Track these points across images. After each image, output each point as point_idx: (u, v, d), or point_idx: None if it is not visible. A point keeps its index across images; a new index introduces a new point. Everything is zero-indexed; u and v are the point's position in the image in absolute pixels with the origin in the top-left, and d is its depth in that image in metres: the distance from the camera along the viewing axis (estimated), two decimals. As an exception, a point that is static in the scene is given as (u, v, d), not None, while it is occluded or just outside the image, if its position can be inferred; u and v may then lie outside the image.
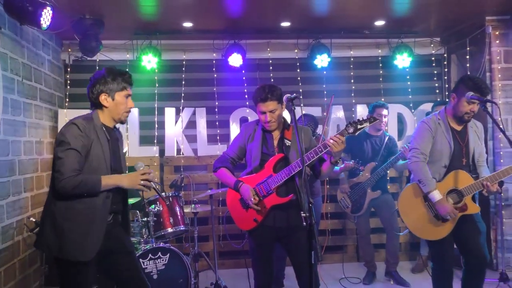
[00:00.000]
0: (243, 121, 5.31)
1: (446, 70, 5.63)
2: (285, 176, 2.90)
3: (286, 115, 4.59)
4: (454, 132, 3.18)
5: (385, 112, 4.43)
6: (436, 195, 3.10)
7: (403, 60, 5.34)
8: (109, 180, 2.44)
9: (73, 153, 2.36)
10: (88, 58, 5.11)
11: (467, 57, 5.13)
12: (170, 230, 4.06)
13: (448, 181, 3.15)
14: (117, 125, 2.68)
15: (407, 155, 4.15)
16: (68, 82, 5.26)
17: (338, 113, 5.42)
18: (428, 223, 3.16)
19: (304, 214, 2.42)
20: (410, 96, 5.57)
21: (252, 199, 2.92)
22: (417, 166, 3.18)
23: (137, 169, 2.51)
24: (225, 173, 3.08)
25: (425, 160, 3.19)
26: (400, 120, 5.46)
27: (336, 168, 4.32)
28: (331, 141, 2.79)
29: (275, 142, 3.02)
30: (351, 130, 2.85)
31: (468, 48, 5.11)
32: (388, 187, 4.73)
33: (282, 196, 2.95)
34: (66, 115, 5.04)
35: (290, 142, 2.99)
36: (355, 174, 4.51)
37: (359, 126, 2.85)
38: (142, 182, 2.46)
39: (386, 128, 4.97)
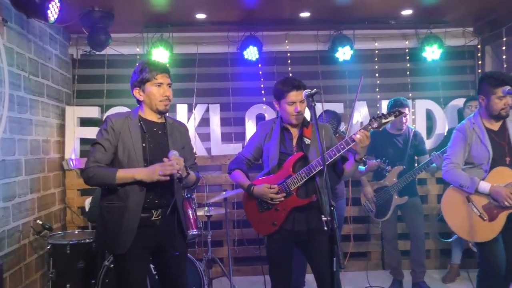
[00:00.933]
0: (259, 118, 5.31)
1: (480, 62, 5.54)
2: (305, 176, 2.90)
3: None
4: (491, 133, 3.20)
5: (406, 110, 4.35)
6: (485, 185, 3.13)
7: (432, 52, 5.30)
8: (124, 173, 2.54)
9: (97, 146, 2.60)
10: (97, 53, 5.17)
11: (503, 48, 5.03)
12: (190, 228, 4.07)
13: (492, 180, 3.16)
14: (168, 118, 2.78)
15: (437, 162, 4.14)
16: (76, 77, 5.33)
17: (362, 110, 5.38)
18: (475, 224, 3.17)
19: (326, 218, 2.42)
20: (440, 91, 5.52)
21: (272, 190, 2.92)
22: (451, 174, 3.27)
23: (169, 157, 2.55)
24: (239, 176, 3.10)
25: (457, 167, 3.26)
26: (429, 117, 5.42)
27: (361, 168, 4.28)
28: (357, 135, 2.79)
29: (294, 141, 3.03)
30: (375, 124, 2.84)
31: (504, 39, 5.01)
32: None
33: (303, 197, 2.95)
34: (73, 113, 5.11)
35: (309, 141, 3.00)
36: (380, 175, 4.46)
37: (383, 120, 2.84)
38: (160, 173, 2.48)
39: (414, 125, 4.89)
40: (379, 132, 4.43)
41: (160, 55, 5.08)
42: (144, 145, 2.60)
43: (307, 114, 3.65)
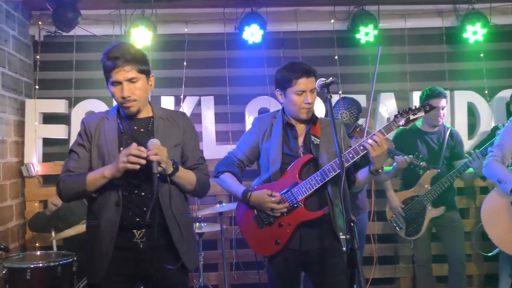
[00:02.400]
0: (263, 113, 5.27)
1: (533, 45, 5.53)
2: (316, 183, 2.90)
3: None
4: None
5: (443, 102, 4.33)
6: None
7: (475, 33, 5.29)
8: (94, 174, 2.58)
9: (71, 154, 2.71)
10: (64, 34, 5.15)
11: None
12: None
13: None
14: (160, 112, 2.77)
15: (475, 164, 4.11)
16: (38, 64, 5.31)
17: (389, 103, 5.36)
18: None
19: (344, 236, 2.41)
20: (484, 80, 5.50)
21: (273, 198, 2.90)
22: (489, 167, 3.30)
23: (148, 147, 2.51)
24: (230, 180, 3.08)
25: (499, 160, 3.26)
26: (471, 111, 5.41)
27: (388, 168, 4.26)
28: (369, 141, 2.81)
29: (300, 140, 3.03)
30: (401, 122, 2.85)
31: None
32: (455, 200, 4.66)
33: (313, 210, 2.94)
34: (35, 107, 5.10)
35: (318, 140, 3.01)
36: (412, 178, 4.42)
37: (411, 117, 2.85)
38: (124, 159, 2.46)
39: (450, 124, 4.87)
40: (408, 129, 4.41)
41: (141, 36, 5.06)
42: (121, 148, 2.59)
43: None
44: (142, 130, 2.68)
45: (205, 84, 5.49)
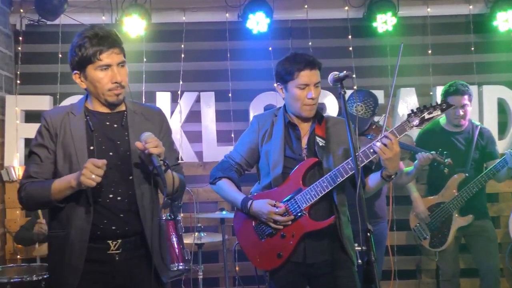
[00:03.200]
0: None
1: None
2: (322, 190, 2.90)
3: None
4: None
5: (463, 100, 4.31)
6: None
7: (506, 21, 5.26)
8: (60, 182, 2.50)
9: (32, 157, 2.61)
10: (48, 22, 5.14)
11: None
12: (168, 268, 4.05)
13: None
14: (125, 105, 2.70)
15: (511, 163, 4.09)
16: (20, 56, 5.31)
17: (409, 99, 5.33)
18: None
19: (360, 248, 2.36)
20: (517, 73, 5.44)
21: (277, 209, 2.90)
22: None
23: (141, 141, 2.47)
24: (228, 187, 3.06)
25: None
26: (502, 108, 5.40)
27: (409, 169, 4.22)
28: (377, 144, 2.78)
29: (303, 142, 3.03)
30: (415, 121, 2.85)
31: None
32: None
33: (318, 219, 2.93)
34: (16, 104, 5.10)
35: (324, 142, 3.00)
36: (439, 181, 4.39)
37: (426, 116, 2.85)
38: (92, 176, 2.37)
39: (480, 123, 4.83)
40: (431, 130, 4.40)
41: (134, 25, 5.06)
42: (91, 148, 2.56)
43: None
44: (115, 125, 2.64)
45: (205, 79, 5.48)
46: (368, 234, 2.38)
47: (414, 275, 5.39)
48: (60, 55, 5.26)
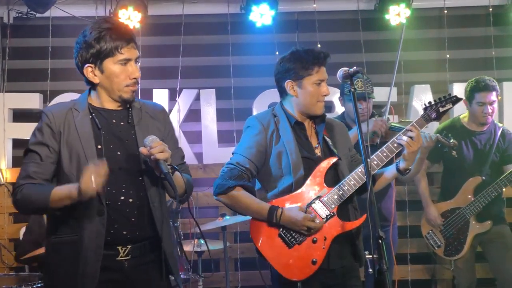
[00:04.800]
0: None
1: None
2: (350, 188, 2.93)
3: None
4: None
5: (491, 97, 4.30)
6: None
7: (528, 13, 5.26)
8: (60, 190, 2.46)
9: (30, 155, 2.56)
10: (38, 15, 5.14)
11: None
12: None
13: None
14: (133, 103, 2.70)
15: None
16: (8, 51, 5.30)
17: (424, 97, 5.31)
18: None
19: (371, 256, 2.45)
20: (540, 69, 5.37)
21: (312, 215, 2.89)
22: None
23: (146, 145, 2.47)
24: (247, 196, 2.97)
25: None
26: (524, 107, 5.35)
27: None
28: (403, 138, 2.88)
29: (313, 141, 3.07)
30: (433, 115, 2.96)
31: None
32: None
33: (347, 218, 2.96)
34: (3, 102, 5.09)
35: (331, 141, 3.06)
36: (454, 185, 4.37)
37: (441, 109, 2.96)
38: (94, 185, 2.35)
39: (502, 124, 4.82)
40: (451, 126, 4.40)
41: (129, 17, 5.05)
42: (99, 146, 2.54)
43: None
44: (122, 123, 2.63)
45: (205, 75, 5.49)
46: (380, 241, 2.38)
47: (429, 285, 5.38)
48: (50, 50, 5.26)
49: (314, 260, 2.91)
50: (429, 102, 3.03)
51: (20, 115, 5.24)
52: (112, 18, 2.63)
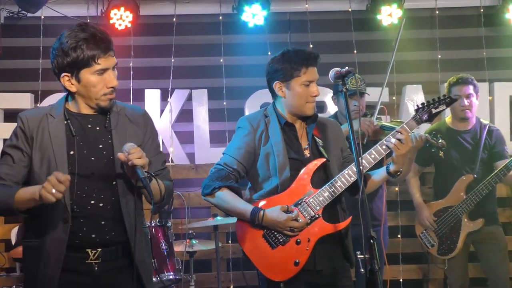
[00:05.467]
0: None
1: None
2: (335, 190, 2.92)
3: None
4: None
5: (469, 90, 4.33)
6: None
7: (519, 13, 5.31)
8: (25, 191, 2.46)
9: (4, 158, 2.57)
10: (29, 15, 5.15)
11: None
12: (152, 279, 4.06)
13: None
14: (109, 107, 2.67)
15: None
16: (-1, 51, 5.33)
17: (416, 97, 5.36)
18: None
19: (362, 256, 2.40)
20: (530, 70, 5.40)
21: (292, 214, 2.89)
22: None
23: (124, 152, 2.46)
24: (231, 197, 2.99)
25: None
26: (515, 107, 5.36)
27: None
28: (392, 140, 2.83)
29: (303, 142, 3.06)
30: (425, 116, 2.92)
31: None
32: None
33: (332, 221, 2.94)
34: (-6, 104, 5.12)
35: (321, 142, 3.05)
36: (446, 185, 4.40)
37: (433, 110, 2.91)
38: (53, 191, 2.33)
39: (488, 123, 4.83)
40: (437, 129, 4.41)
41: (121, 18, 5.07)
42: (71, 152, 2.54)
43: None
44: (98, 128, 2.62)
45: (197, 75, 5.50)
46: (371, 241, 2.37)
47: (421, 285, 5.40)
48: (41, 50, 5.24)
49: (297, 261, 2.92)
50: (422, 103, 2.99)
51: (11, 115, 5.22)
52: (89, 25, 2.58)
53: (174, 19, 5.38)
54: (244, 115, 5.23)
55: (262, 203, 3.00)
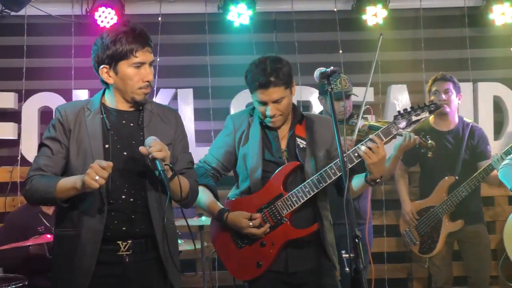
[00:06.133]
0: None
1: None
2: (303, 195, 2.92)
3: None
4: None
5: (448, 85, 4.42)
6: None
7: (502, 14, 5.33)
8: (65, 182, 2.57)
9: (42, 149, 2.70)
10: (12, 13, 5.12)
11: None
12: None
13: None
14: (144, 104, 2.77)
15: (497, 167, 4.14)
16: (-20, 52, 5.32)
17: (400, 97, 5.41)
18: None
19: (348, 255, 2.41)
20: (515, 70, 5.52)
21: (251, 223, 2.92)
22: (504, 172, 3.45)
23: (146, 145, 2.54)
24: (204, 195, 3.04)
25: None
26: (498, 107, 5.46)
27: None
28: (362, 148, 2.81)
29: (283, 144, 3.06)
30: (402, 124, 2.89)
31: None
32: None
33: (300, 226, 2.96)
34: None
35: (305, 143, 3.03)
36: (430, 184, 4.44)
37: (414, 118, 2.89)
38: (97, 178, 2.44)
39: (471, 122, 4.85)
40: (421, 129, 4.41)
41: (106, 17, 5.04)
42: (107, 146, 2.65)
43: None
44: (131, 124, 2.73)
45: (182, 75, 5.50)
46: (357, 240, 2.39)
47: (406, 284, 5.44)
48: (25, 49, 5.23)
49: (260, 263, 2.96)
50: (404, 110, 2.96)
51: (-6, 115, 5.20)
52: (130, 22, 2.70)
53: (160, 18, 5.38)
54: (229, 114, 5.25)
55: (231, 203, 3.06)
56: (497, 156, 4.22)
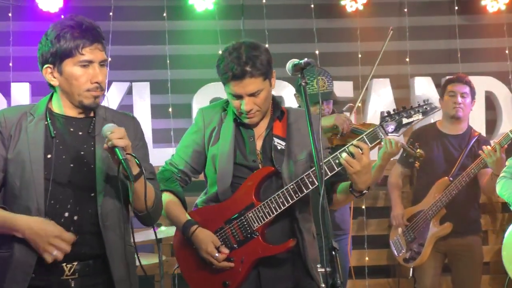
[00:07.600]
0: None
1: None
2: (277, 206, 2.85)
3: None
4: None
5: (466, 89, 4.43)
6: None
7: (495, 0, 5.42)
8: (2, 220, 2.52)
9: None
10: None
11: None
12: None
13: None
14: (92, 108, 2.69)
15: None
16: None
17: (383, 92, 5.38)
18: None
19: (324, 269, 2.37)
20: (508, 63, 5.57)
21: (216, 254, 2.86)
22: (500, 185, 3.67)
23: (103, 134, 2.48)
24: (169, 203, 2.97)
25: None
26: (490, 103, 5.47)
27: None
28: (343, 155, 2.72)
29: (258, 144, 2.98)
30: (390, 127, 2.84)
31: None
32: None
33: (274, 241, 2.89)
34: None
35: (283, 144, 2.96)
36: (423, 189, 4.44)
37: (404, 120, 2.84)
38: (54, 253, 2.44)
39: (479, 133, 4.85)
40: (424, 129, 4.48)
41: (50, 2, 5.00)
42: (49, 156, 2.57)
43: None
44: (81, 133, 2.65)
45: (138, 66, 5.50)
46: (334, 253, 2.35)
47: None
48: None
49: (226, 282, 2.92)
50: (394, 110, 2.89)
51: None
52: (79, 16, 2.62)
53: (112, 2, 5.32)
54: (191, 111, 5.18)
55: (198, 212, 3.04)
56: (488, 148, 4.24)
